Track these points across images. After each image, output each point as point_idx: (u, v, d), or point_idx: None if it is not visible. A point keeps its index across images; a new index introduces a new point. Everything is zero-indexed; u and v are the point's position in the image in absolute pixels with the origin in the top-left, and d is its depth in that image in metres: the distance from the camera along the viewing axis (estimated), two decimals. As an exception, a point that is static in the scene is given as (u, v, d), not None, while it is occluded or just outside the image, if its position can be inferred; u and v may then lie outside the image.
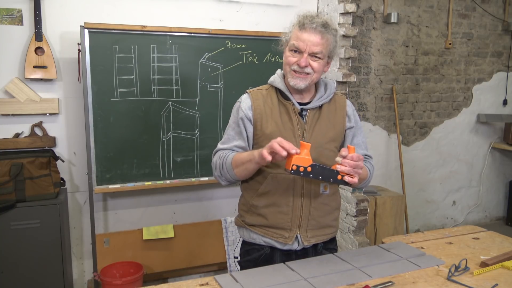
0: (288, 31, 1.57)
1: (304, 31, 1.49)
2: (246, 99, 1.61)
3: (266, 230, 1.60)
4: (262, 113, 1.58)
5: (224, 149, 1.61)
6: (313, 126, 1.58)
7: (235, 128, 1.61)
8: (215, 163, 1.60)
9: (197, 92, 2.98)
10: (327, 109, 1.63)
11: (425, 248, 1.67)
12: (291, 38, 1.54)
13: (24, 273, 2.57)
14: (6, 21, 2.68)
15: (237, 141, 1.60)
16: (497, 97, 4.55)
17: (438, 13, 4.08)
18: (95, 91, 2.73)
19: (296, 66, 1.52)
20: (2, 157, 2.56)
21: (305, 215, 1.58)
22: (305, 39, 1.49)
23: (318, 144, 1.56)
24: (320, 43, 1.50)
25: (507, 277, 1.42)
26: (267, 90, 1.64)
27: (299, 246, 1.61)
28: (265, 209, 1.57)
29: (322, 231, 1.63)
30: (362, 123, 3.90)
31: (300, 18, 1.53)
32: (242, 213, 1.69)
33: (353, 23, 3.21)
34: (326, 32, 1.50)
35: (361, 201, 3.12)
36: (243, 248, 1.72)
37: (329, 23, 1.52)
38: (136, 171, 2.89)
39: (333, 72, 3.26)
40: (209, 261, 3.24)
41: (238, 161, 1.52)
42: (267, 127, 1.56)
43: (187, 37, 2.91)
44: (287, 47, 1.55)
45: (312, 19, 1.49)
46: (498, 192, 4.73)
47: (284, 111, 1.59)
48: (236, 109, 1.63)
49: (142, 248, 3.05)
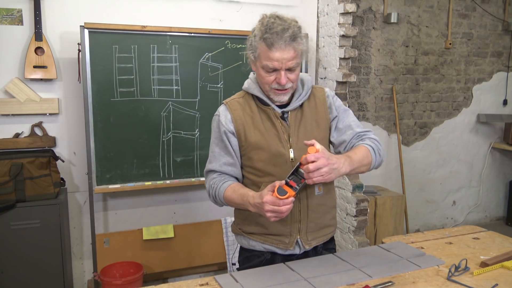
0: (252, 42, 1.45)
1: (274, 50, 1.38)
2: (225, 111, 1.55)
3: (266, 237, 1.57)
4: (244, 124, 1.52)
5: (214, 171, 1.56)
6: (297, 127, 1.54)
7: (219, 144, 1.56)
8: (208, 191, 1.57)
9: (197, 92, 2.98)
10: (307, 106, 1.58)
11: (425, 248, 1.67)
12: (261, 57, 1.43)
13: (24, 273, 2.57)
14: (6, 21, 2.68)
15: (224, 157, 1.55)
16: (497, 97, 4.55)
17: (438, 13, 4.08)
18: (95, 91, 2.73)
19: (276, 85, 1.45)
20: (2, 157, 2.56)
21: (303, 219, 1.55)
22: (279, 58, 1.39)
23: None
24: (295, 56, 1.41)
25: (507, 277, 1.42)
26: (244, 97, 1.58)
27: (300, 251, 1.59)
28: (262, 218, 1.49)
29: (321, 232, 1.62)
30: (362, 123, 3.90)
31: (265, 34, 1.39)
32: (239, 221, 1.65)
33: (353, 23, 3.21)
34: (297, 43, 1.41)
35: (361, 201, 3.12)
36: (242, 255, 1.68)
37: (297, 33, 1.41)
38: (136, 171, 2.89)
39: (333, 72, 3.26)
40: (209, 261, 3.24)
41: (231, 202, 1.49)
42: (252, 137, 1.51)
43: (187, 37, 2.91)
44: (259, 64, 1.45)
45: (280, 35, 1.37)
46: (498, 192, 4.73)
47: (265, 117, 1.53)
48: (216, 123, 1.56)
49: (142, 248, 3.05)
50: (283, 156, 1.51)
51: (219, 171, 1.56)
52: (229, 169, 1.56)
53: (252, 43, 1.46)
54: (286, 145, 1.51)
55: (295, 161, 1.50)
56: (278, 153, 1.51)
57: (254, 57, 1.47)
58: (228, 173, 1.56)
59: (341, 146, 1.60)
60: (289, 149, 1.52)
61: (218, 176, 1.55)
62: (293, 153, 1.51)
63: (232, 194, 1.48)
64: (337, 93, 3.23)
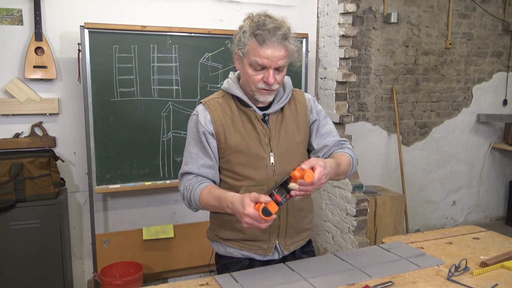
0: (240, 38, 1.41)
1: (266, 47, 1.35)
2: (204, 111, 1.48)
3: (244, 243, 1.52)
4: (224, 125, 1.46)
5: (190, 173, 1.48)
6: (278, 130, 1.50)
7: (197, 145, 1.48)
8: (182, 194, 1.49)
9: (197, 92, 2.98)
10: (288, 109, 1.54)
11: (425, 248, 1.67)
12: (249, 53, 1.38)
13: (24, 273, 2.57)
14: (6, 21, 2.68)
15: (203, 159, 1.48)
16: (497, 97, 4.55)
17: (438, 13, 4.07)
18: (95, 91, 2.72)
19: (263, 84, 1.41)
20: (2, 157, 2.56)
21: (282, 225, 1.51)
22: (269, 56, 1.36)
23: (286, 149, 1.50)
24: (285, 55, 1.38)
25: (507, 277, 1.42)
26: (223, 97, 1.52)
27: (279, 256, 1.55)
28: (240, 223, 1.34)
29: (299, 236, 1.59)
30: (362, 123, 3.92)
31: (257, 30, 1.36)
32: (215, 227, 1.59)
33: (353, 23, 3.21)
34: (289, 42, 1.38)
35: (361, 201, 3.12)
36: (219, 262, 1.61)
37: (288, 33, 1.38)
38: (136, 171, 2.89)
39: (333, 72, 3.26)
40: (209, 261, 3.24)
41: (207, 204, 1.42)
42: (231, 139, 1.45)
43: (187, 37, 2.91)
44: (247, 61, 1.40)
45: (272, 32, 1.34)
46: (498, 192, 4.73)
47: (246, 119, 1.48)
48: (194, 123, 1.49)
49: (142, 248, 3.05)
50: (263, 159, 1.47)
51: (196, 173, 1.48)
52: (207, 171, 1.49)
53: (240, 39, 1.42)
54: (266, 148, 1.47)
55: (275, 165, 1.48)
56: (259, 157, 1.46)
57: (242, 53, 1.42)
58: (206, 175, 1.49)
59: (321, 151, 1.58)
60: (270, 152, 1.48)
61: (194, 178, 1.48)
62: (273, 157, 1.48)
63: (208, 195, 1.41)
64: (337, 93, 3.24)
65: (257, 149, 1.47)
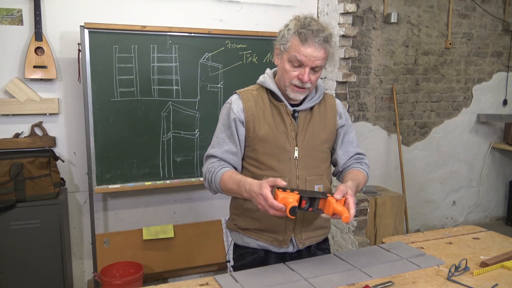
0: (284, 34, 1.49)
1: (307, 45, 1.43)
2: (237, 100, 1.56)
3: (260, 233, 1.58)
4: (255, 115, 1.53)
5: (214, 156, 1.56)
6: (305, 127, 1.57)
7: (226, 131, 1.56)
8: (204, 175, 1.57)
9: (197, 92, 2.98)
10: (317, 110, 1.61)
11: (425, 248, 1.67)
12: (291, 48, 1.46)
13: (24, 273, 2.57)
14: (6, 21, 2.68)
15: (228, 144, 1.55)
16: (497, 97, 4.55)
17: (438, 13, 4.08)
18: (95, 91, 2.72)
19: (297, 81, 1.48)
20: (2, 157, 2.56)
21: (299, 218, 1.56)
22: (309, 54, 1.43)
23: (310, 146, 1.56)
24: (323, 57, 1.46)
25: (507, 277, 1.42)
26: (257, 90, 1.59)
27: (294, 249, 1.60)
28: (259, 212, 1.48)
29: (315, 232, 1.63)
30: (362, 123, 3.92)
31: (301, 29, 1.43)
32: (234, 216, 1.65)
33: (353, 23, 3.21)
34: (329, 45, 1.46)
35: (361, 201, 3.12)
36: (236, 252, 1.68)
37: (329, 37, 1.46)
38: (136, 171, 2.89)
39: (333, 72, 3.26)
40: (209, 261, 3.24)
41: (226, 187, 1.49)
42: (260, 130, 1.53)
43: (187, 37, 2.91)
44: (287, 56, 1.48)
45: (315, 33, 1.42)
46: (498, 192, 4.73)
47: (277, 112, 1.55)
48: (227, 110, 1.57)
49: (142, 248, 3.05)
50: (288, 152, 1.53)
51: (220, 157, 1.56)
52: (230, 157, 1.56)
53: (284, 35, 1.49)
54: (292, 142, 1.54)
55: (298, 159, 1.54)
56: (284, 149, 1.53)
57: (284, 48, 1.48)
58: (228, 161, 1.56)
59: (342, 157, 1.67)
60: (295, 147, 1.54)
61: (217, 161, 1.55)
62: (297, 152, 1.54)
63: (228, 179, 1.48)
64: (337, 93, 3.24)
65: (283, 141, 1.53)
